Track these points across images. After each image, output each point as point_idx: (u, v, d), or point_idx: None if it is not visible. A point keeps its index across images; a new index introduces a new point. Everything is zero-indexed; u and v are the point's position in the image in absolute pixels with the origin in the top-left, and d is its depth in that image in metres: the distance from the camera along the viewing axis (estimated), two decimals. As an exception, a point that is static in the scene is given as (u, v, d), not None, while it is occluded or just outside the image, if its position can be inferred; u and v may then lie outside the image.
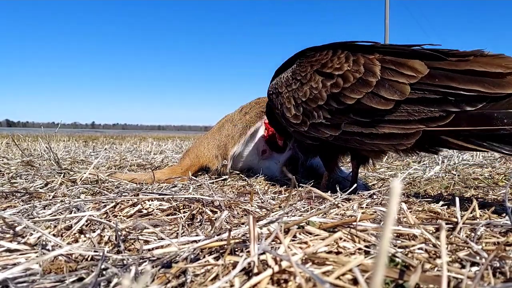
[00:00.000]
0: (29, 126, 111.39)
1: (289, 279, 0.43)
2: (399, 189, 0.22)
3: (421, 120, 0.82)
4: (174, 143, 4.38)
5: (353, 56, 0.94)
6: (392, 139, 0.86)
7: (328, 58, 0.98)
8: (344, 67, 0.93)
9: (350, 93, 0.90)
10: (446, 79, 0.79)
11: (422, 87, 0.82)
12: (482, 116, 0.76)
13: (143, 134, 11.46)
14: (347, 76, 0.92)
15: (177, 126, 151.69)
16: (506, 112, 0.74)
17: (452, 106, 0.79)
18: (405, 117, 0.84)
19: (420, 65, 0.84)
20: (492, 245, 0.58)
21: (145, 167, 1.91)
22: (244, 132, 1.49)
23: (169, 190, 1.09)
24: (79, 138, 5.57)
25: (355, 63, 0.92)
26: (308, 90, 0.99)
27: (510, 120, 0.73)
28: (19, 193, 1.00)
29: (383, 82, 0.86)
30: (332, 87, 0.94)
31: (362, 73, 0.89)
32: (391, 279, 0.43)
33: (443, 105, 0.80)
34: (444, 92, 0.79)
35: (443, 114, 0.80)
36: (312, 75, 0.99)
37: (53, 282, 0.46)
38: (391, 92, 0.85)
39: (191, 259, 0.50)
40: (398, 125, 0.85)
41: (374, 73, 0.88)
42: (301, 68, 1.04)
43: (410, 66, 0.84)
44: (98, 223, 0.70)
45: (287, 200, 0.94)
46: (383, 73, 0.87)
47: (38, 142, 3.02)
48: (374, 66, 0.89)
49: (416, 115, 0.83)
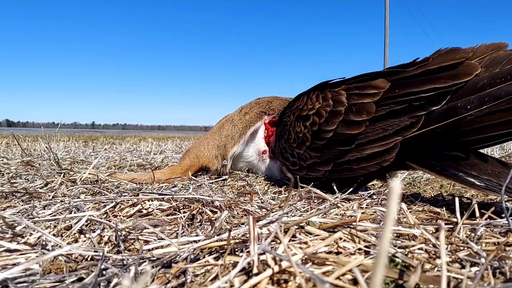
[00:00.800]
0: (29, 126, 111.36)
1: (289, 279, 0.43)
2: (399, 189, 0.22)
3: (396, 132, 0.86)
4: (174, 143, 4.38)
5: (321, 93, 1.03)
6: (377, 158, 0.91)
7: (304, 102, 1.09)
8: (315, 105, 1.02)
9: (326, 126, 0.98)
10: (406, 87, 0.84)
11: (387, 101, 0.86)
12: (447, 110, 0.79)
13: (143, 134, 11.46)
14: (320, 112, 1.00)
15: (177, 126, 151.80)
16: (466, 99, 0.77)
17: (418, 110, 0.82)
18: (381, 133, 0.88)
19: (382, 82, 0.89)
20: (492, 245, 0.58)
21: (145, 167, 1.91)
22: (244, 132, 1.49)
23: (169, 190, 1.09)
24: (79, 138, 5.57)
25: (324, 99, 1.01)
26: (294, 135, 1.10)
27: (472, 105, 0.76)
28: (19, 193, 1.00)
29: (351, 107, 0.93)
30: (312, 126, 1.02)
31: (331, 105, 0.97)
32: (391, 279, 0.43)
33: (410, 112, 0.83)
34: (407, 99, 0.83)
35: (413, 120, 0.83)
36: (294, 121, 1.11)
37: (53, 282, 0.46)
38: (359, 114, 0.90)
39: (191, 259, 0.50)
40: (377, 143, 0.89)
41: (341, 102, 0.95)
42: (286, 118, 1.19)
43: (373, 86, 0.89)
44: (98, 223, 0.70)
45: (287, 200, 0.94)
46: (349, 99, 0.94)
47: (38, 142, 3.02)
48: (340, 96, 0.96)
49: (390, 128, 0.87)
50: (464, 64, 0.78)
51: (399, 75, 0.87)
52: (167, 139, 5.83)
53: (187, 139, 6.07)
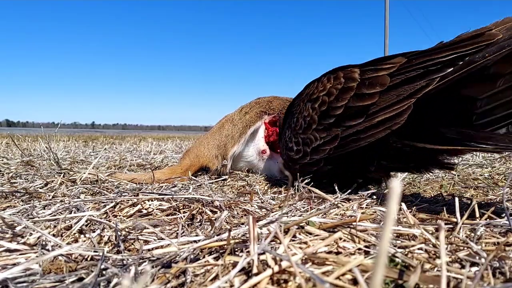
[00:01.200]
0: (29, 126, 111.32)
1: (289, 279, 0.43)
2: (399, 189, 0.22)
3: (410, 95, 0.84)
4: (174, 143, 4.38)
5: (333, 74, 1.00)
6: (386, 123, 0.88)
7: (315, 87, 1.06)
8: (327, 86, 1.00)
9: (336, 103, 0.95)
10: (423, 57, 0.82)
11: (402, 71, 0.85)
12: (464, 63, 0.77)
13: (143, 134, 11.46)
14: (331, 91, 0.97)
15: (177, 126, 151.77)
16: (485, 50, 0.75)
17: (435, 73, 0.80)
18: (394, 99, 0.86)
19: (398, 58, 0.87)
20: (492, 245, 0.58)
21: (145, 167, 1.91)
22: (244, 132, 1.49)
23: (169, 190, 1.09)
24: (79, 138, 5.57)
25: (335, 79, 0.98)
26: (302, 120, 1.07)
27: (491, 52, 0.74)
28: (18, 193, 1.00)
29: (364, 81, 0.91)
30: (321, 106, 1.00)
31: (343, 83, 0.95)
32: (391, 279, 0.43)
33: (426, 76, 0.82)
34: (424, 66, 0.82)
35: (428, 82, 0.81)
36: (303, 106, 1.08)
37: (53, 282, 0.46)
38: (373, 87, 0.88)
39: (191, 259, 0.50)
40: (390, 108, 0.87)
41: (353, 78, 0.93)
42: (295, 108, 1.15)
43: (389, 62, 0.88)
44: (98, 223, 0.70)
45: (286, 200, 0.94)
46: (362, 75, 0.92)
47: (38, 142, 3.02)
48: (353, 73, 0.94)
49: (404, 93, 0.85)
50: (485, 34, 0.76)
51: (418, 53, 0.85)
52: (167, 139, 5.83)
53: (187, 139, 6.07)
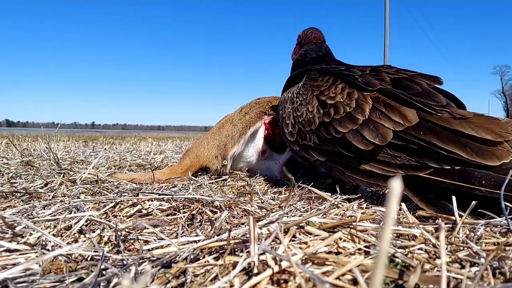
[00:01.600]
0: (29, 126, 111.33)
1: (289, 279, 0.43)
2: (399, 189, 0.22)
3: (402, 166, 0.82)
4: (174, 143, 4.38)
5: (348, 89, 0.95)
6: (371, 178, 0.87)
7: (327, 86, 1.01)
8: (337, 97, 0.95)
9: (337, 125, 0.92)
10: (431, 135, 0.78)
11: (407, 136, 0.81)
12: (460, 173, 0.74)
13: (143, 134, 11.46)
14: (338, 107, 0.94)
15: (177, 126, 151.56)
16: (486, 173, 0.72)
17: (432, 161, 0.78)
18: (387, 159, 0.84)
19: (411, 113, 0.82)
20: (491, 245, 0.58)
21: (145, 167, 1.91)
22: (244, 132, 1.49)
23: (169, 190, 1.09)
24: (79, 138, 5.57)
25: (348, 96, 0.93)
26: (305, 112, 1.04)
27: (488, 182, 0.70)
28: (18, 193, 1.00)
29: (369, 122, 0.86)
30: (324, 115, 0.97)
31: (353, 108, 0.90)
32: (391, 279, 0.43)
33: (424, 158, 0.79)
34: (427, 147, 0.78)
35: (422, 166, 0.79)
36: (311, 99, 1.03)
37: (53, 282, 0.46)
38: (373, 135, 0.85)
39: (191, 259, 0.50)
40: (379, 165, 0.85)
41: (363, 111, 0.88)
42: (304, 89, 1.09)
43: (401, 113, 0.83)
44: (98, 223, 0.70)
45: (287, 200, 0.94)
46: (372, 113, 0.87)
47: (38, 142, 3.02)
48: (365, 104, 0.89)
49: (398, 160, 0.82)
50: (497, 148, 0.73)
51: (432, 116, 0.80)
52: (167, 139, 5.83)
53: (187, 139, 6.07)
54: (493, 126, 0.76)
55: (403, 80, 0.92)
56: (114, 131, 22.75)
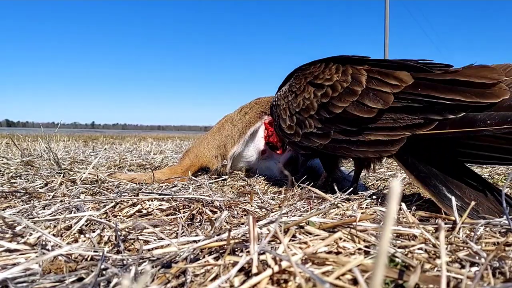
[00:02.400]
0: (29, 126, 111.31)
1: (289, 279, 0.43)
2: (399, 189, 0.22)
3: (406, 126, 0.84)
4: (174, 143, 4.38)
5: (342, 67, 0.98)
6: (378, 146, 0.88)
7: (321, 70, 1.03)
8: (334, 77, 0.97)
9: (337, 102, 0.93)
10: (429, 89, 0.80)
11: (406, 96, 0.83)
12: (465, 119, 0.77)
13: (143, 134, 11.46)
14: (336, 85, 0.95)
15: (177, 126, 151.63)
16: (488, 114, 0.74)
17: (435, 114, 0.80)
18: (390, 124, 0.86)
19: (406, 75, 0.85)
20: (491, 245, 0.58)
21: (145, 167, 1.91)
22: (243, 132, 1.49)
23: (169, 190, 1.09)
24: (79, 138, 5.57)
25: (343, 73, 0.96)
26: (302, 100, 1.04)
27: (493, 121, 0.73)
28: (18, 193, 1.00)
29: (368, 91, 0.89)
30: (322, 97, 0.98)
31: (349, 82, 0.93)
32: (391, 279, 0.43)
33: (427, 113, 0.81)
34: (427, 101, 0.80)
35: (426, 121, 0.81)
36: (305, 86, 1.05)
37: (52, 282, 0.46)
38: (375, 101, 0.87)
39: (191, 259, 0.50)
40: (384, 132, 0.87)
41: (360, 83, 0.91)
42: (296, 80, 1.11)
43: (396, 77, 0.86)
44: (98, 223, 0.70)
45: (286, 200, 0.94)
46: (368, 82, 0.90)
47: (38, 142, 3.02)
48: (360, 76, 0.92)
49: (401, 122, 0.84)
50: (495, 87, 0.75)
51: (425, 74, 0.84)
52: (167, 139, 5.83)
53: (187, 139, 6.07)
54: (485, 73, 0.78)
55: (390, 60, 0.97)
56: (114, 131, 22.76)
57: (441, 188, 0.79)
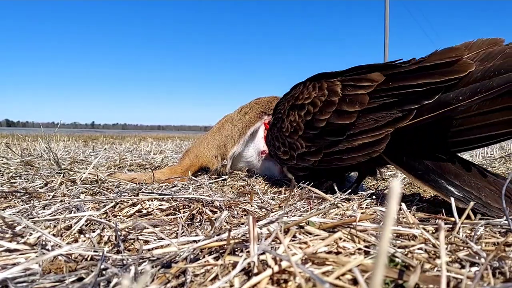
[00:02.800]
0: (29, 126, 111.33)
1: (289, 279, 0.43)
2: (399, 189, 0.22)
3: (387, 123, 0.86)
4: (174, 143, 4.38)
5: (318, 83, 1.02)
6: (366, 149, 0.90)
7: (299, 91, 1.08)
8: (312, 95, 1.02)
9: (319, 116, 0.97)
10: (400, 81, 0.83)
11: (380, 94, 0.86)
12: (440, 101, 0.79)
13: (143, 134, 11.46)
14: (315, 102, 0.99)
15: (177, 126, 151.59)
16: (459, 90, 0.77)
17: (411, 103, 0.82)
18: (372, 125, 0.88)
19: (377, 75, 0.88)
20: (491, 245, 0.58)
21: (144, 167, 1.91)
22: (243, 132, 1.49)
23: (169, 190, 1.09)
24: (79, 138, 5.57)
25: (320, 89, 1.00)
26: (288, 124, 1.09)
27: (464, 96, 0.76)
28: (18, 193, 1.00)
29: (344, 98, 0.92)
30: (306, 115, 1.02)
31: (326, 95, 0.97)
32: (390, 279, 0.43)
33: (403, 104, 0.83)
34: (401, 93, 0.83)
35: (405, 113, 0.83)
36: (289, 110, 1.10)
37: (52, 282, 0.46)
38: (352, 105, 0.90)
39: (190, 259, 0.50)
40: (368, 134, 0.89)
41: (335, 92, 0.95)
42: (280, 106, 1.17)
43: (368, 78, 0.89)
44: (98, 223, 0.70)
45: (287, 200, 0.94)
46: (343, 90, 0.94)
47: (37, 142, 3.02)
48: (335, 86, 0.96)
49: (382, 120, 0.86)
50: (459, 62, 0.78)
51: (395, 69, 0.87)
52: (167, 139, 5.83)
53: (187, 139, 6.07)
54: (448, 53, 0.81)
55: None
56: (114, 131, 22.76)
57: (440, 182, 0.80)
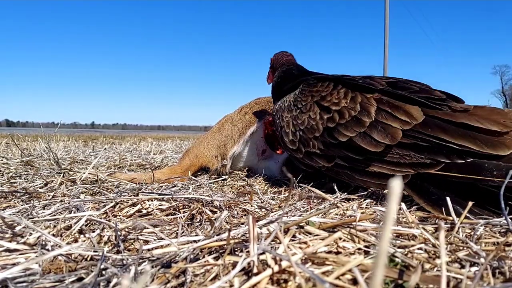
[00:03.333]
0: (29, 126, 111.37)
1: (288, 279, 0.43)
2: (399, 189, 0.22)
3: (411, 164, 0.82)
4: (174, 143, 4.38)
5: (352, 93, 0.94)
6: (382, 179, 0.87)
7: (328, 91, 1.00)
8: (341, 103, 0.94)
9: (344, 130, 0.91)
10: (439, 130, 0.78)
11: (415, 134, 0.81)
12: (472, 165, 0.75)
13: (142, 134, 11.46)
14: (343, 112, 0.93)
15: (176, 126, 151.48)
16: (496, 163, 0.73)
17: (443, 156, 0.78)
18: (396, 159, 0.84)
19: (416, 111, 0.83)
20: (491, 245, 0.58)
21: (144, 167, 1.91)
22: (243, 132, 1.49)
23: (169, 190, 1.09)
24: (79, 138, 5.56)
25: (352, 100, 0.93)
26: (307, 119, 1.02)
27: (499, 172, 0.71)
28: (18, 193, 1.00)
29: (377, 124, 0.86)
30: (328, 121, 0.95)
31: (358, 111, 0.90)
32: (390, 279, 0.43)
33: (434, 154, 0.79)
34: (436, 143, 0.78)
35: (433, 162, 0.79)
36: (312, 105, 1.02)
37: (52, 282, 0.46)
38: (383, 136, 0.84)
39: (190, 259, 0.50)
40: (389, 165, 0.85)
41: (368, 113, 0.88)
42: (302, 96, 1.07)
43: (406, 111, 0.83)
44: (98, 223, 0.70)
45: (287, 200, 0.94)
46: (377, 114, 0.87)
47: (37, 142, 3.02)
48: (370, 106, 0.89)
49: (407, 158, 0.82)
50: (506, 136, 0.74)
51: (436, 112, 0.81)
52: (167, 139, 5.82)
53: (187, 139, 6.07)
54: (498, 117, 0.76)
55: (398, 82, 0.93)
56: (114, 131, 22.76)
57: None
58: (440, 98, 0.84)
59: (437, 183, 0.80)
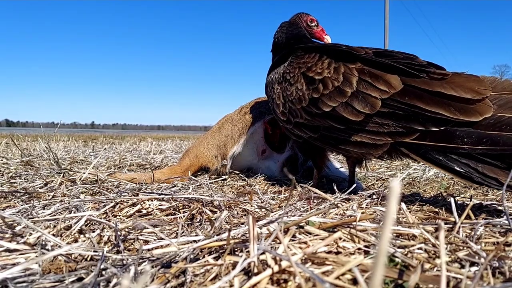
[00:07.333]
0: (29, 126, 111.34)
1: (288, 279, 0.43)
2: (399, 189, 0.22)
3: (390, 133, 0.86)
4: (174, 143, 4.38)
5: (335, 63, 0.98)
6: (362, 147, 0.91)
7: (314, 62, 1.03)
8: (324, 72, 0.98)
9: (327, 100, 0.95)
10: (416, 99, 0.81)
11: (393, 103, 0.85)
12: (445, 133, 0.78)
13: (142, 134, 11.46)
14: (327, 82, 0.96)
15: (176, 126, 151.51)
16: (468, 131, 0.76)
17: (418, 124, 0.82)
18: (375, 129, 0.88)
19: (395, 80, 0.86)
20: (491, 245, 0.58)
21: (144, 167, 1.91)
22: (243, 132, 1.49)
23: (169, 190, 1.09)
24: (79, 138, 5.56)
25: (335, 70, 0.96)
26: (294, 91, 1.06)
27: (469, 139, 0.75)
28: (18, 193, 1.00)
29: (358, 94, 0.90)
30: (313, 91, 0.99)
31: (340, 82, 0.94)
32: (390, 279, 0.43)
33: (411, 122, 0.83)
34: (412, 111, 0.82)
35: (409, 130, 0.83)
36: (298, 77, 1.06)
37: (52, 282, 0.46)
38: (363, 105, 0.88)
39: (190, 259, 0.50)
40: (369, 135, 0.89)
41: (350, 84, 0.92)
42: (290, 68, 1.11)
43: (386, 81, 0.86)
44: (98, 223, 0.70)
45: (287, 200, 0.94)
46: (359, 84, 0.91)
47: (37, 142, 3.02)
48: (352, 77, 0.92)
49: (386, 128, 0.86)
50: (479, 104, 0.76)
51: (414, 81, 0.83)
52: (166, 139, 5.82)
53: (187, 139, 6.07)
54: (473, 84, 0.79)
55: (385, 51, 0.97)
56: (113, 131, 22.76)
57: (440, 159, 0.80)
58: (420, 64, 0.87)
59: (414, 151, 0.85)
